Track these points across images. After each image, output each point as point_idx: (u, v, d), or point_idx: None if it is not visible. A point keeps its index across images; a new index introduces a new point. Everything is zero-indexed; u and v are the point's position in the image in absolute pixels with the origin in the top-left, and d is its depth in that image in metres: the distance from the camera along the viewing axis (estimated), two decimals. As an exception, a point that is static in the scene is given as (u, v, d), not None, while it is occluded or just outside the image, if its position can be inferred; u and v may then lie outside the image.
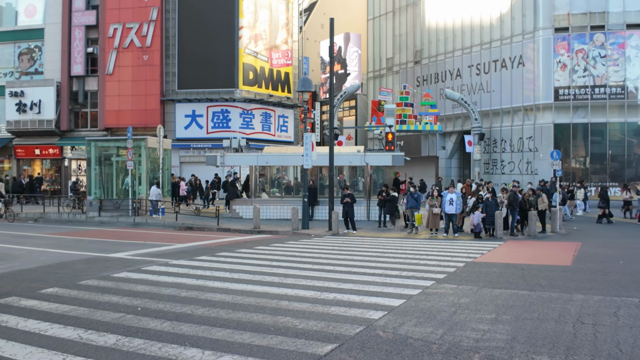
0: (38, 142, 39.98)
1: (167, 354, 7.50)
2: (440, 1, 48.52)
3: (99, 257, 16.20)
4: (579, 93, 38.29)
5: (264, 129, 39.59)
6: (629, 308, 10.08)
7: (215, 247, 18.70)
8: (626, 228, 26.12)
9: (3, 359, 7.32)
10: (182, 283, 12.20)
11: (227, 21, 37.73)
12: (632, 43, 37.66)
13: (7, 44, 41.14)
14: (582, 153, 39.32)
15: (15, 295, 10.97)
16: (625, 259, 16.24)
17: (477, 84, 44.71)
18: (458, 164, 48.41)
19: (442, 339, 8.25)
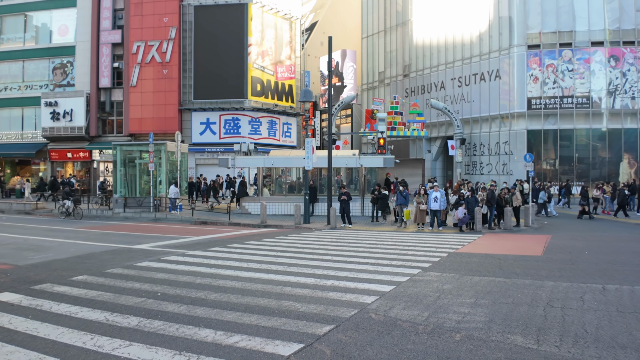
0: (70, 147, 39.96)
1: (184, 334, 7.50)
2: (426, 21, 48.57)
3: (124, 248, 16.21)
4: (549, 103, 38.32)
5: (270, 134, 39.56)
6: (593, 293, 10.07)
7: (226, 239, 18.69)
8: (592, 223, 26.09)
9: (38, 339, 7.32)
10: (197, 271, 12.19)
11: (237, 39, 37.71)
12: (596, 58, 37.68)
13: (42, 59, 41.13)
14: (552, 156, 39.34)
15: (49, 282, 10.97)
16: (591, 250, 16.23)
17: (459, 95, 44.72)
18: (442, 166, 48.44)
19: (428, 320, 8.25)
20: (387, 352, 6.86)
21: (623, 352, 6.81)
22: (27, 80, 41.42)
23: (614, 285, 10.80)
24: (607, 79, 37.67)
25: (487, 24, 42.11)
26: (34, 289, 10.41)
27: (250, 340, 7.22)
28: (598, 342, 7.21)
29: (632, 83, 37.48)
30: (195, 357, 6.58)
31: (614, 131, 37.79)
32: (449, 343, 7.19)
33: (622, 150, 37.85)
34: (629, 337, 7.45)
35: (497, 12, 41.20)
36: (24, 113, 41.66)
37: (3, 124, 42.10)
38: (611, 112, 37.63)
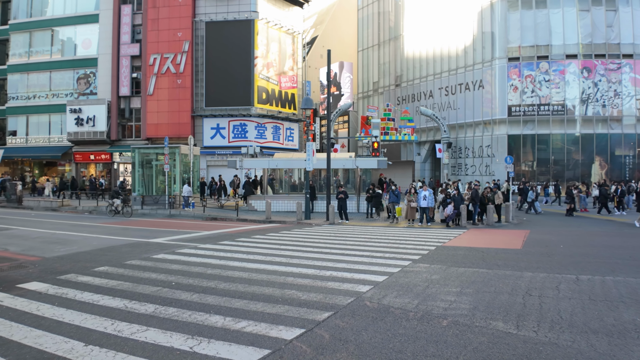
0: (92, 149, 39.95)
1: (196, 320, 7.50)
2: (416, 36, 48.59)
3: (141, 242, 16.20)
4: (527, 110, 38.33)
5: (274, 138, 39.55)
6: (568, 283, 10.08)
7: (234, 234, 18.69)
8: (568, 219, 26.10)
9: (63, 324, 7.32)
10: (208, 263, 12.18)
11: (244, 52, 37.71)
12: (570, 70, 37.71)
13: (67, 70, 41.14)
14: (530, 158, 39.37)
15: (73, 273, 10.97)
16: (566, 244, 16.24)
17: (446, 103, 44.73)
18: (430, 167, 48.45)
19: (417, 308, 8.25)
20: (380, 336, 6.86)
21: (595, 337, 6.82)
22: (54, 89, 41.41)
23: (586, 276, 10.80)
24: (580, 89, 37.68)
25: (471, 38, 42.14)
26: (60, 278, 10.41)
27: (257, 326, 7.23)
28: (572, 328, 7.21)
29: (603, 92, 37.50)
30: (206, 341, 6.59)
31: (587, 136, 37.81)
32: (436, 328, 7.20)
33: (594, 154, 37.88)
34: (600, 322, 7.45)
35: (480, 27, 41.24)
36: (51, 119, 41.64)
37: (32, 128, 42.11)
38: (584, 118, 37.66)
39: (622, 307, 8.29)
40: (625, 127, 37.61)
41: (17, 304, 8.40)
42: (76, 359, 6.00)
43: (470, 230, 20.78)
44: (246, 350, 6.29)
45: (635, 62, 37.46)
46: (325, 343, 6.58)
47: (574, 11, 37.93)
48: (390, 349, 6.36)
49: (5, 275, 10.79)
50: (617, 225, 23.01)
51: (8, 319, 7.59)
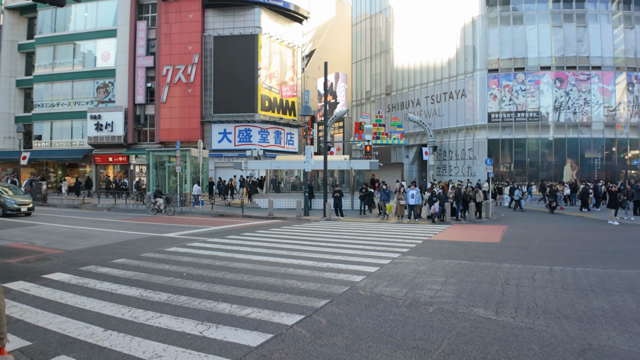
0: (110, 152, 39.88)
1: (205, 307, 7.50)
2: (405, 49, 48.67)
3: (155, 236, 16.18)
4: (505, 117, 38.40)
5: (276, 142, 39.52)
6: (542, 274, 10.10)
7: (240, 229, 18.67)
8: (542, 215, 26.16)
9: (84, 311, 7.32)
10: (216, 255, 12.17)
11: (249, 64, 37.68)
12: (544, 80, 37.81)
13: (88, 80, 41.05)
14: (508, 160, 39.46)
15: (93, 264, 10.96)
16: (540, 238, 16.28)
17: (432, 110, 44.79)
18: (417, 169, 48.49)
19: (406, 296, 8.25)
20: (372, 321, 6.87)
21: (567, 322, 6.84)
22: (76, 98, 41.30)
23: (559, 267, 10.83)
24: (554, 97, 37.77)
25: (455, 51, 42.20)
26: (81, 269, 10.40)
27: (260, 312, 7.24)
28: (546, 314, 7.23)
29: (574, 101, 37.59)
30: (214, 326, 6.59)
31: (559, 140, 37.89)
32: (423, 314, 7.21)
33: (566, 156, 37.97)
34: (571, 309, 7.48)
35: (463, 42, 41.30)
36: (73, 124, 41.53)
37: (56, 133, 42.00)
38: (556, 124, 37.74)
39: (592, 295, 8.32)
40: (594, 132, 37.72)
41: (42, 293, 8.40)
42: (96, 342, 6.00)
43: (453, 225, 20.80)
44: (251, 334, 6.30)
45: (603, 73, 37.58)
46: (322, 328, 6.59)
47: (548, 27, 38.02)
48: (382, 333, 6.37)
49: (32, 266, 10.78)
50: (587, 221, 23.07)
51: (34, 306, 7.59)
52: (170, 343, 5.97)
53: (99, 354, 5.64)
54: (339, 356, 5.62)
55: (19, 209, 23.30)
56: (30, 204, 24.19)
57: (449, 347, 5.89)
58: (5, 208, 22.95)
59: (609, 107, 37.76)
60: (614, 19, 38.00)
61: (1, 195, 23.49)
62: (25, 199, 24.40)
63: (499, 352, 5.75)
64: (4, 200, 23.14)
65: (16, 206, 23.23)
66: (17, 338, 6.04)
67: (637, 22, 38.15)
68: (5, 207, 22.97)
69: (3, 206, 23.01)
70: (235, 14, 38.34)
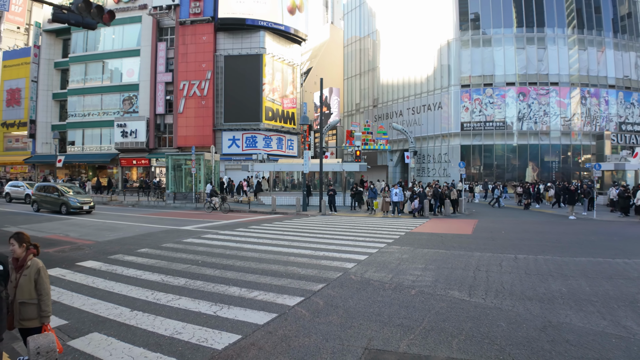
0: (134, 156, 39.71)
1: (218, 290, 7.50)
2: (390, 67, 48.73)
3: (173, 229, 16.13)
4: (476, 126, 38.49)
5: (278, 147, 39.45)
6: (508, 261, 10.14)
7: (247, 222, 18.65)
8: (510, 211, 26.25)
9: (113, 294, 7.31)
10: (227, 245, 12.16)
11: (254, 79, 37.60)
12: (510, 94, 37.92)
13: (115, 93, 40.84)
14: (478, 163, 39.51)
15: (120, 253, 10.93)
16: (506, 230, 16.35)
17: (413, 120, 44.83)
18: (400, 170, 48.49)
19: (392, 280, 8.28)
20: (363, 302, 6.89)
21: (530, 302, 6.88)
22: (104, 109, 41.08)
23: (523, 255, 10.88)
24: (517, 109, 37.86)
25: (432, 69, 42.26)
26: (110, 258, 10.37)
27: (266, 295, 7.24)
28: (512, 295, 7.27)
29: (535, 112, 37.71)
30: (226, 307, 6.59)
31: (522, 146, 38.00)
32: (407, 296, 7.23)
33: (528, 160, 38.07)
34: (533, 291, 7.52)
35: (439, 61, 41.37)
36: (102, 132, 41.31)
37: (87, 139, 41.78)
38: (520, 132, 37.84)
39: (551, 280, 8.37)
40: (552, 139, 37.85)
41: (76, 278, 8.38)
42: (124, 321, 5.99)
43: (431, 219, 20.85)
44: (258, 314, 6.31)
45: (560, 89, 37.72)
46: (320, 308, 6.60)
47: (513, 49, 38.14)
48: (371, 313, 6.39)
49: (67, 255, 10.74)
50: (547, 216, 23.16)
51: (70, 290, 7.57)
52: (188, 322, 5.97)
53: (127, 331, 5.64)
54: (335, 332, 5.64)
55: (81, 207, 21.71)
56: (91, 202, 22.56)
57: (429, 325, 5.91)
58: (69, 206, 21.44)
59: (565, 117, 37.88)
60: (570, 41, 38.15)
61: (64, 194, 22.10)
62: (87, 198, 22.81)
63: (472, 329, 5.78)
64: (67, 199, 21.69)
65: (79, 204, 21.69)
66: (56, 317, 6.02)
67: (590, 45, 38.32)
68: (69, 205, 21.47)
69: (67, 205, 21.55)
70: (243, 37, 38.26)
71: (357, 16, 55.67)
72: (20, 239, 4.38)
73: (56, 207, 22.04)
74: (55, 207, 22.07)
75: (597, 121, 38.24)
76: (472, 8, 39.68)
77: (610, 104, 38.55)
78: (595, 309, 6.59)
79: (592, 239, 14.19)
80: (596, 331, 5.69)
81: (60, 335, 5.45)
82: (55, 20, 10.52)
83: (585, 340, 5.39)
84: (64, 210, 21.56)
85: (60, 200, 21.94)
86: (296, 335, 5.53)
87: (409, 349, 5.17)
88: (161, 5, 38.65)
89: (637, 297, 7.18)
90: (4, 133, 46.37)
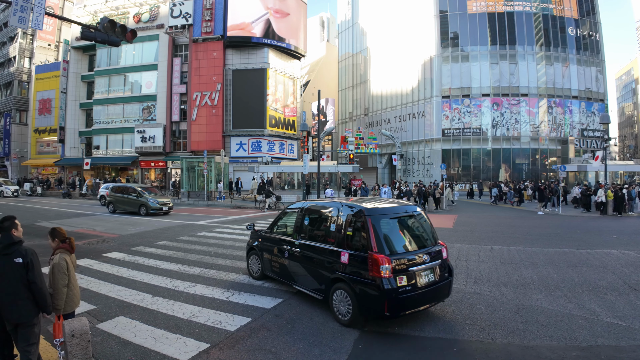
0: (152, 159, 39.53)
1: (229, 278, 7.50)
2: (379, 80, 48.73)
3: (188, 223, 16.09)
4: (455, 132, 38.53)
5: (280, 151, 39.34)
6: (485, 251, 10.17)
7: (253, 217, 18.63)
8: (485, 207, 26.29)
9: (136, 282, 7.29)
10: (236, 238, 12.15)
11: (259, 91, 37.52)
12: (485, 104, 37.99)
13: (135, 103, 40.61)
14: (457, 165, 39.54)
15: (141, 245, 10.89)
16: (483, 224, 16.38)
17: (399, 127, 44.85)
18: (388, 172, 48.46)
19: (383, 269, 8.27)
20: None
21: (505, 288, 6.91)
22: (126, 117, 40.88)
23: (498, 246, 10.90)
24: (492, 117, 37.94)
25: (417, 82, 42.30)
26: (132, 249, 10.34)
27: (272, 282, 7.23)
28: (489, 282, 7.29)
29: (507, 120, 37.81)
30: (237, 293, 6.58)
31: (496, 150, 38.09)
32: (396, 283, 7.23)
33: (501, 162, 38.16)
34: (508, 278, 7.54)
35: (423, 75, 41.42)
36: (124, 137, 41.10)
37: (110, 144, 41.58)
38: (494, 138, 37.93)
39: (523, 268, 8.39)
40: (522, 144, 37.98)
41: (103, 268, 8.35)
42: (146, 306, 5.98)
43: (417, 215, 20.83)
44: (265, 299, 6.30)
45: (530, 99, 37.84)
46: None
47: (487, 64, 38.24)
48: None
49: (94, 247, 10.70)
50: (518, 212, 23.22)
51: (97, 278, 7.54)
52: (203, 306, 5.96)
53: (149, 315, 5.62)
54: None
55: (160, 208, 19.33)
56: (170, 203, 20.19)
57: (416, 308, 5.91)
58: (149, 208, 19.07)
59: (534, 124, 38.01)
60: (538, 57, 38.27)
61: (142, 195, 19.65)
62: (165, 199, 20.34)
63: (455, 312, 5.79)
64: (146, 200, 19.25)
65: (158, 205, 19.29)
66: (85, 303, 6.00)
67: (555, 60, 38.48)
68: (148, 206, 19.08)
69: (146, 206, 19.17)
70: (249, 53, 38.18)
71: (350, 35, 55.67)
72: (53, 234, 4.35)
73: (134, 209, 19.56)
74: (134, 208, 19.59)
75: (562, 128, 38.40)
76: (452, 28, 39.77)
77: (573, 112, 38.71)
78: (562, 293, 6.62)
79: (558, 232, 14.24)
80: (564, 313, 5.72)
81: (90, 318, 5.43)
82: (83, 38, 10.48)
83: (554, 321, 5.42)
84: (143, 212, 19.19)
85: (139, 201, 19.48)
86: (300, 318, 5.53)
87: (401, 329, 5.18)
88: (176, 25, 38.54)
89: (599, 283, 7.22)
90: (36, 139, 46.12)
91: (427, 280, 5.23)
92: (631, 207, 21.36)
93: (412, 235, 5.72)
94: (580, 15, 39.41)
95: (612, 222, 17.61)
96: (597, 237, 12.85)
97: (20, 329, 3.61)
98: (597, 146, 37.94)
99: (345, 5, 57.08)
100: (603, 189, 20.71)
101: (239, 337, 4.91)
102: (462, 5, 39.15)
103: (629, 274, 7.84)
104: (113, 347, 4.67)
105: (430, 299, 5.28)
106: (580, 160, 32.66)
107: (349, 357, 4.45)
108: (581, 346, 4.69)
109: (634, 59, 70.83)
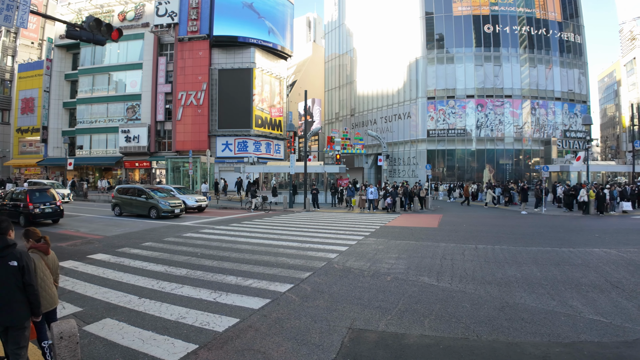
0: (137, 159, 39.05)
1: (216, 279, 7.46)
2: (365, 81, 48.90)
3: (174, 224, 15.94)
4: (440, 133, 38.90)
5: (266, 151, 39.25)
6: (470, 250, 10.31)
7: (240, 218, 18.55)
8: (470, 207, 26.58)
9: (122, 283, 7.21)
10: (222, 239, 12.09)
11: (245, 90, 37.38)
12: (469, 105, 38.43)
13: (119, 102, 40.08)
14: (442, 165, 39.91)
15: (127, 247, 10.77)
16: (467, 224, 16.58)
17: (385, 127, 45.09)
18: (375, 172, 48.65)
19: (370, 268, 8.34)
20: (345, 288, 6.94)
21: (489, 286, 7.02)
22: (110, 116, 40.31)
23: (482, 245, 11.07)
24: (476, 118, 38.40)
25: (402, 83, 42.58)
26: (118, 251, 10.22)
27: (260, 282, 7.24)
28: (474, 280, 7.41)
29: (491, 121, 38.31)
30: (224, 294, 6.57)
31: (480, 150, 38.57)
32: (383, 282, 7.30)
33: (485, 162, 38.63)
34: (492, 277, 7.67)
35: (408, 76, 41.72)
36: (108, 137, 40.52)
37: (94, 144, 40.94)
38: (478, 138, 38.39)
39: (507, 266, 8.54)
40: (506, 145, 38.53)
41: (88, 270, 8.24)
42: (133, 308, 5.93)
43: (402, 215, 21.04)
44: (253, 299, 6.30)
45: (513, 101, 38.42)
46: (308, 294, 6.63)
47: (472, 66, 38.70)
48: (353, 297, 6.44)
49: (79, 249, 10.54)
50: (502, 211, 23.57)
51: (82, 280, 7.44)
52: (191, 307, 5.94)
53: (136, 317, 5.58)
54: (322, 315, 5.67)
55: (172, 211, 18.11)
56: (181, 205, 18.81)
57: (403, 307, 5.99)
58: (160, 210, 17.85)
59: (517, 125, 38.59)
60: (522, 59, 38.87)
61: (152, 197, 18.34)
62: (176, 200, 18.88)
63: (440, 310, 5.88)
64: (157, 202, 18.04)
65: (170, 207, 18.06)
66: (71, 305, 5.92)
67: (539, 63, 39.13)
68: (159, 209, 17.87)
69: (157, 208, 17.93)
70: (235, 52, 38.00)
71: (337, 36, 55.76)
72: (27, 235, 4.29)
73: (143, 211, 18.35)
74: (143, 211, 18.38)
75: (545, 129, 39.07)
76: (437, 29, 40.14)
77: (556, 114, 39.43)
78: (545, 291, 6.77)
79: (541, 231, 14.51)
80: (547, 310, 5.85)
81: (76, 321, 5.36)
82: (68, 36, 10.32)
83: (538, 318, 5.54)
84: (154, 215, 17.97)
85: (149, 203, 18.27)
86: (288, 318, 5.55)
87: (387, 327, 5.24)
88: (162, 23, 38.15)
89: (581, 281, 7.39)
90: (19, 138, 45.19)
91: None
92: (612, 206, 21.88)
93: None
94: (563, 18, 40.16)
95: (594, 221, 18.01)
96: (579, 236, 13.13)
97: (12, 331, 3.57)
98: (580, 147, 38.71)
99: (332, 6, 57.15)
100: (585, 189, 21.15)
101: (227, 338, 4.91)
102: (447, 7, 39.55)
103: (610, 272, 8.04)
104: (100, 349, 4.62)
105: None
106: (562, 161, 33.28)
107: (337, 356, 4.49)
108: (564, 342, 4.81)
109: (616, 61, 72.32)
